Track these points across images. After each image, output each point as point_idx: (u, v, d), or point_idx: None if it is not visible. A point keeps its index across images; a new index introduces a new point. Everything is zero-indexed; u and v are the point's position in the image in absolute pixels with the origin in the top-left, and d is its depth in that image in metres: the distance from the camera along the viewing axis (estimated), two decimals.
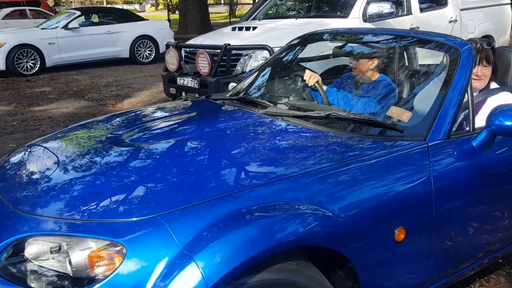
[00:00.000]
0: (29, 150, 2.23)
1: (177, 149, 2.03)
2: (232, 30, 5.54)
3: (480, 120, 2.10)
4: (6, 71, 9.45)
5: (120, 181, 1.69)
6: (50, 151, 2.15)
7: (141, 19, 11.76)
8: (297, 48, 3.03)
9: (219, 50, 4.74)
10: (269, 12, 6.34)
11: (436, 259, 1.95)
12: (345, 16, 5.27)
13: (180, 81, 5.08)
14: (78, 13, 10.78)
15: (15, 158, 2.15)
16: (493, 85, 2.49)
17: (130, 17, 11.71)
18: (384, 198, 1.71)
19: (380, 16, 5.26)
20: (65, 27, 10.16)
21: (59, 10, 22.75)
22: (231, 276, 1.31)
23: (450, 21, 6.24)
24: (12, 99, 7.48)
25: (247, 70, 4.52)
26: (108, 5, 35.30)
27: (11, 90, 8.26)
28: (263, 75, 2.92)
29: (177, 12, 25.92)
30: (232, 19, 21.65)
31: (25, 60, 9.64)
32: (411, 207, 1.78)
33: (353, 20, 5.18)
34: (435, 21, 5.99)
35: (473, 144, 1.95)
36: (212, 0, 25.17)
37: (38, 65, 9.78)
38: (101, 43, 10.55)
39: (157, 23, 12.18)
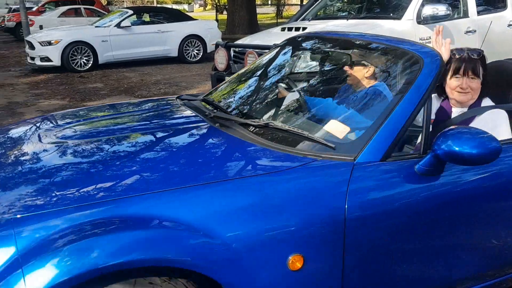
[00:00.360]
0: None
1: (70, 150, 1.94)
2: (281, 30, 5.52)
3: None
4: (61, 67, 9.83)
5: None
6: None
7: (190, 19, 11.94)
8: (281, 52, 2.79)
9: (267, 50, 4.73)
10: (319, 13, 6.28)
11: None
12: (398, 17, 5.15)
13: None
14: (131, 12, 11.07)
15: None
16: (486, 101, 2.19)
17: (179, 16, 11.92)
18: (279, 223, 1.48)
19: (435, 18, 5.09)
20: (118, 25, 10.46)
21: (111, 9, 23.48)
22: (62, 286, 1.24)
23: (510, 25, 5.96)
24: (66, 94, 7.77)
25: (295, 71, 4.49)
26: (158, 5, 36.11)
27: (65, 85, 8.59)
28: (242, 80, 2.72)
29: (224, 12, 26.19)
30: (279, 20, 21.66)
31: (79, 57, 10.00)
32: (312, 234, 1.52)
33: (407, 22, 5.05)
34: (493, 24, 5.74)
35: (415, 169, 1.68)
36: (259, 1, 25.26)
37: (91, 62, 10.12)
38: (151, 42, 10.79)
39: (206, 23, 12.34)
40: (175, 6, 37.78)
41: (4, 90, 8.05)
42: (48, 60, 9.76)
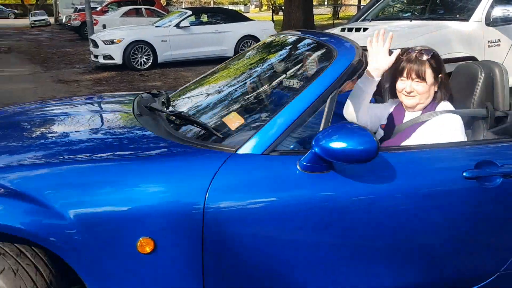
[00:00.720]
0: None
1: None
2: (341, 31, 5.43)
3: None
4: (123, 65, 10.19)
5: None
6: None
7: (246, 19, 12.04)
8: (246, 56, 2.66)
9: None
10: (380, 13, 6.13)
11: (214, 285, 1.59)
12: (466, 19, 4.92)
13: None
14: (190, 12, 11.30)
15: None
16: (444, 106, 2.00)
17: (236, 17, 12.05)
18: (130, 204, 1.49)
19: (506, 20, 4.83)
20: (177, 25, 10.70)
21: (170, 9, 24.08)
22: None
23: None
24: (127, 91, 8.04)
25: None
26: (215, 6, 36.69)
27: (126, 83, 8.89)
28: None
29: (280, 13, 26.21)
30: (336, 21, 21.39)
31: (139, 56, 10.31)
32: (167, 220, 1.49)
33: (475, 24, 4.82)
34: None
35: (297, 165, 1.58)
36: (315, 1, 25.09)
37: (151, 61, 10.41)
38: (209, 42, 10.96)
39: (262, 23, 12.39)
40: (231, 7, 38.25)
41: (69, 86, 8.46)
42: (111, 58, 10.14)
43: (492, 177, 1.73)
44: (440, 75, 1.97)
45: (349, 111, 2.00)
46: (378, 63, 1.88)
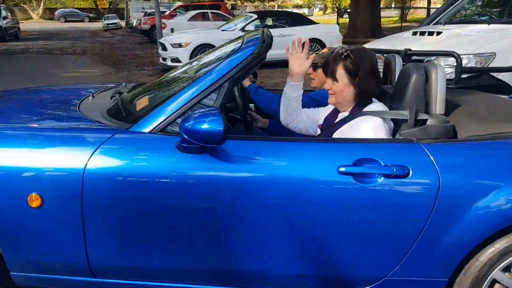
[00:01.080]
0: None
1: None
2: (413, 34, 5.24)
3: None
4: None
5: None
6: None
7: (312, 22, 11.96)
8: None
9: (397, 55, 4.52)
10: (454, 16, 5.86)
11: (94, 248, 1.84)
12: None
13: None
14: (255, 16, 11.39)
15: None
16: (373, 107, 2.03)
17: (301, 20, 12.00)
18: (26, 164, 1.78)
19: None
20: (242, 29, 10.82)
21: (235, 13, 24.44)
22: None
23: None
24: None
25: None
26: (279, 9, 36.79)
27: None
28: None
29: (345, 15, 25.84)
30: (404, 24, 20.75)
31: None
32: (52, 179, 1.77)
33: None
34: None
35: (175, 145, 1.75)
36: (382, 4, 24.48)
37: None
38: (273, 45, 10.92)
39: (327, 26, 12.25)
40: (294, 10, 38.21)
41: None
42: (178, 61, 10.42)
43: (370, 175, 1.70)
44: (357, 78, 1.99)
45: (282, 116, 2.17)
46: (298, 68, 2.03)
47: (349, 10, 19.66)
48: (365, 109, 2.01)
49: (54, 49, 16.34)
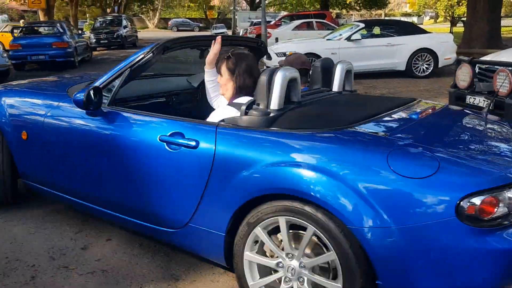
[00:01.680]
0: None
1: None
2: None
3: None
4: None
5: None
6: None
7: (423, 31, 11.34)
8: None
9: None
10: None
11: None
12: None
13: (470, 99, 4.59)
14: (362, 25, 11.11)
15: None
16: (241, 99, 2.40)
17: (412, 29, 11.43)
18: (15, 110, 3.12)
19: None
20: (348, 38, 10.61)
21: (340, 22, 24.14)
22: None
23: None
24: None
25: None
26: (386, 18, 35.69)
27: None
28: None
29: (458, 24, 24.29)
30: None
31: None
32: (31, 121, 3.00)
33: None
34: None
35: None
36: (502, 12, 22.61)
37: None
38: (379, 55, 10.61)
39: (440, 36, 11.58)
40: (403, 19, 36.78)
41: None
42: None
43: (177, 145, 2.28)
44: (235, 75, 2.46)
45: (207, 96, 2.85)
46: (208, 58, 2.69)
47: (464, 19, 18.43)
48: (235, 100, 2.44)
49: (168, 57, 17.33)
